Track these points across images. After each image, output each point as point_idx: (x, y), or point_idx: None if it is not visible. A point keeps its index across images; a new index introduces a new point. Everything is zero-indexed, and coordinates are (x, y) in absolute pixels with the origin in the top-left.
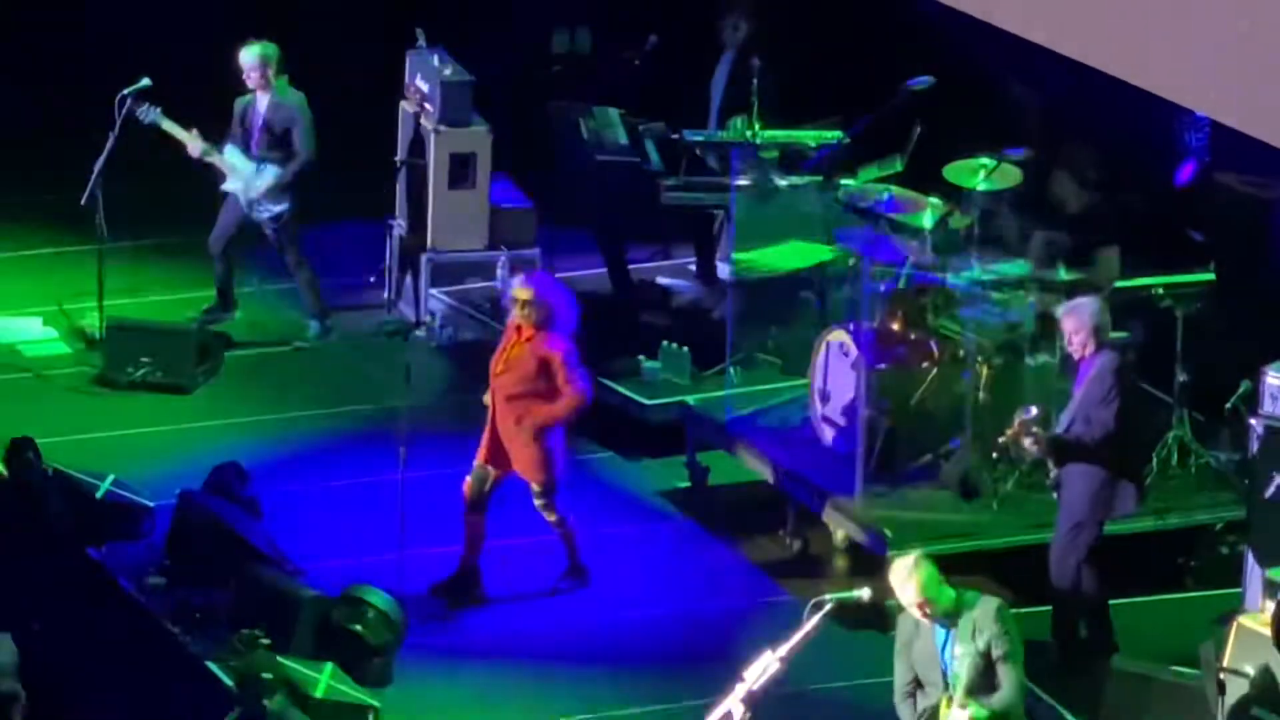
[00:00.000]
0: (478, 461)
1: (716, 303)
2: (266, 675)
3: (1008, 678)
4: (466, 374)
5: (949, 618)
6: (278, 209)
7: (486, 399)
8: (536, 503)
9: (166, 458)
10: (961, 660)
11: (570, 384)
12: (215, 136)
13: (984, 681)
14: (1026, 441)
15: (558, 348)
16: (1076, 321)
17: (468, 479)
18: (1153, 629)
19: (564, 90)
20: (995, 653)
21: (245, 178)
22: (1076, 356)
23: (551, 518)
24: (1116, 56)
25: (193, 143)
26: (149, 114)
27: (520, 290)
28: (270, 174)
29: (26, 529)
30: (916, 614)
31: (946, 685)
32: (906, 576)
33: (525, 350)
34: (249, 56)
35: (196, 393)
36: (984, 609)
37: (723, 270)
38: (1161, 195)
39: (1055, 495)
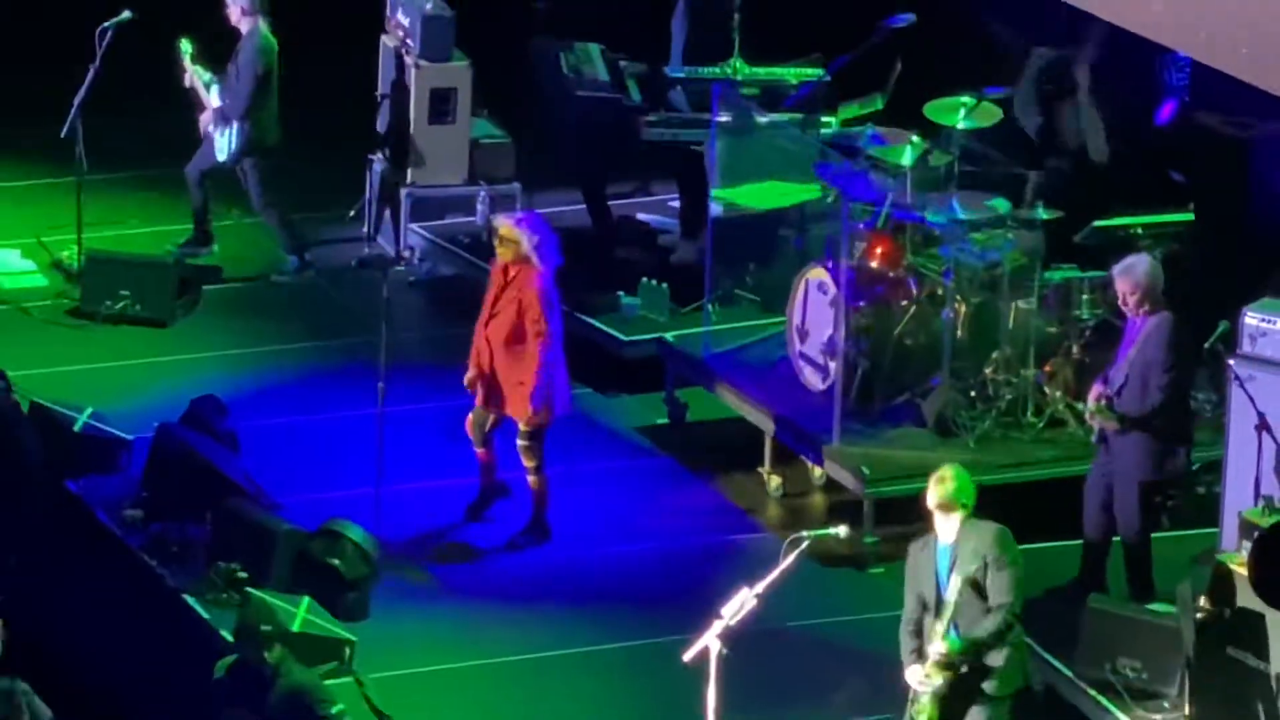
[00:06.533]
0: (477, 404)
1: (690, 257)
2: (266, 628)
3: (997, 602)
4: (445, 309)
5: (958, 531)
6: (230, 148)
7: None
8: (520, 443)
9: (144, 391)
10: (953, 587)
11: (535, 323)
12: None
13: (976, 610)
14: (1094, 421)
15: (533, 286)
16: (1130, 282)
17: (469, 418)
18: None
19: (545, 26)
20: (990, 576)
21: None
22: (1131, 315)
23: (530, 463)
24: None
25: (201, 86)
26: (198, 73)
27: (500, 226)
28: (220, 114)
29: (2, 461)
30: (936, 514)
31: (940, 611)
32: (942, 477)
33: (511, 293)
34: None
35: (175, 326)
36: (984, 534)
37: (716, 210)
38: (1142, 135)
39: (1100, 445)
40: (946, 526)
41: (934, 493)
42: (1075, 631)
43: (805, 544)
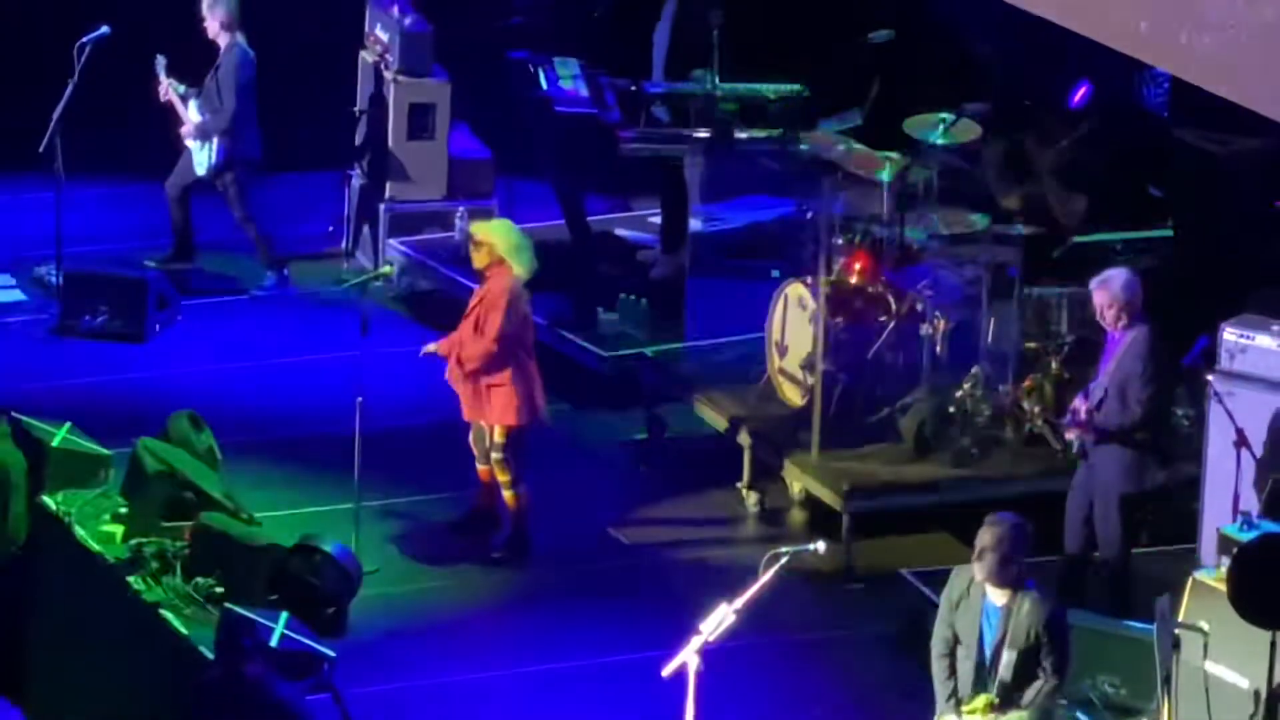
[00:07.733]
0: (474, 421)
1: (670, 272)
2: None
3: (1049, 680)
4: (424, 324)
5: (1009, 596)
6: (210, 163)
7: (429, 348)
8: (494, 455)
9: (123, 406)
10: (1006, 663)
11: (486, 327)
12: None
13: (1023, 680)
14: (1071, 434)
15: (500, 285)
16: (1108, 295)
17: (471, 436)
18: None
19: (524, 41)
20: (1043, 651)
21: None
22: (1110, 329)
23: (505, 476)
24: (1073, 9)
25: (176, 100)
26: (173, 87)
27: (475, 230)
28: (201, 129)
29: None
30: (980, 574)
31: (981, 672)
32: (996, 541)
33: (482, 293)
34: (204, 3)
35: (153, 341)
36: (1038, 611)
37: (695, 225)
38: (1121, 150)
39: (1081, 460)
40: (998, 590)
41: (986, 560)
42: None
43: (784, 559)
